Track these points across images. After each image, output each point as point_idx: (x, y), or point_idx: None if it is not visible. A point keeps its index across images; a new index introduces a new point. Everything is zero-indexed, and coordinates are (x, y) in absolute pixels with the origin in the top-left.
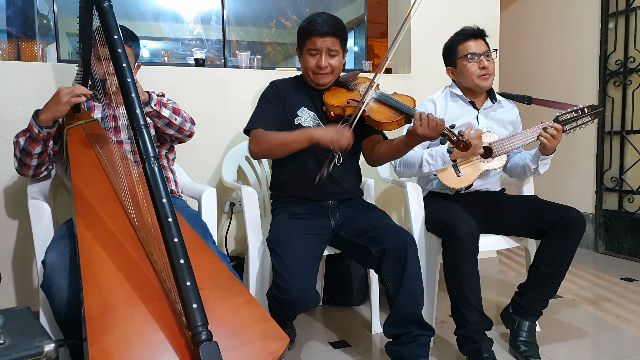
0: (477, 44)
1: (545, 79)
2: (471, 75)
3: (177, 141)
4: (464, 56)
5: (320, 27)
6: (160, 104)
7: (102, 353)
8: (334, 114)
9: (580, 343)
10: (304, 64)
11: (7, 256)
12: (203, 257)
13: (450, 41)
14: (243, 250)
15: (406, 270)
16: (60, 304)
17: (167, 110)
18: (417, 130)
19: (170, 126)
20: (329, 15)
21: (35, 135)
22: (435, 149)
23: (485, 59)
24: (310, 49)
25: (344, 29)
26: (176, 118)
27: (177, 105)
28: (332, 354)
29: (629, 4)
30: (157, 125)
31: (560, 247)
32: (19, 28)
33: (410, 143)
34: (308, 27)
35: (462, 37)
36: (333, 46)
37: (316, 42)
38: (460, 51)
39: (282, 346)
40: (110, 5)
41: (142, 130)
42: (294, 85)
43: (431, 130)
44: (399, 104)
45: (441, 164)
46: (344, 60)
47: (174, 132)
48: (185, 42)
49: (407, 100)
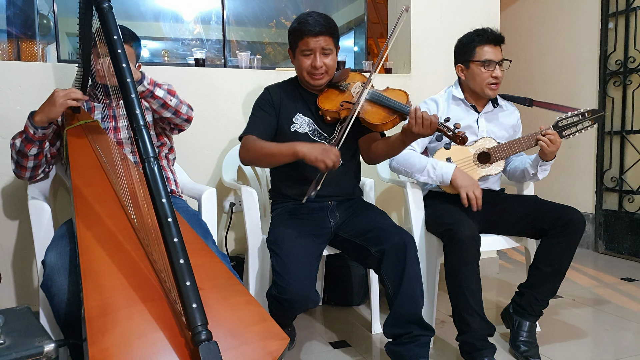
0: (495, 51)
1: (545, 79)
2: (482, 81)
3: (176, 129)
4: (481, 61)
5: (313, 27)
6: (154, 83)
7: (102, 353)
8: (329, 118)
9: (580, 343)
10: (298, 65)
11: (7, 256)
12: (203, 257)
13: (468, 39)
14: (243, 250)
15: (406, 271)
16: (60, 304)
17: (162, 90)
18: (412, 128)
19: (166, 107)
20: (319, 14)
21: (30, 136)
22: (441, 163)
23: (498, 67)
24: (303, 50)
25: (335, 27)
26: (171, 99)
27: (173, 87)
28: (332, 354)
29: (629, 4)
30: (153, 107)
31: (560, 247)
32: (19, 28)
33: (405, 140)
34: (300, 28)
35: (483, 40)
36: (327, 45)
37: (309, 42)
38: (478, 54)
39: (282, 346)
40: (110, 6)
41: (142, 130)
42: (288, 91)
43: (425, 129)
44: (392, 103)
45: (439, 181)
46: (337, 59)
47: (171, 114)
48: (185, 42)
49: (400, 95)
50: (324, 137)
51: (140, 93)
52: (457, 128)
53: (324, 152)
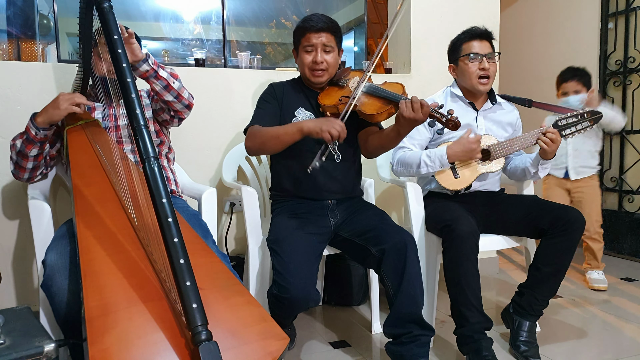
0: (481, 44)
1: (545, 79)
2: (471, 75)
3: (176, 117)
4: (466, 55)
5: (315, 23)
6: (157, 64)
7: (102, 353)
8: (329, 114)
9: (580, 343)
10: (300, 62)
11: (7, 256)
12: (203, 257)
13: (456, 38)
14: (243, 250)
15: (406, 270)
16: (60, 304)
17: (165, 72)
18: (403, 113)
19: (169, 90)
20: (322, 14)
21: (32, 137)
22: (434, 150)
23: (486, 60)
24: (305, 46)
25: (338, 27)
26: (174, 82)
27: (175, 71)
28: (332, 354)
29: (629, 4)
30: (156, 88)
31: (560, 246)
32: (19, 28)
33: (400, 130)
34: (303, 26)
35: (468, 36)
36: (328, 42)
37: (311, 38)
38: (464, 50)
39: (281, 346)
40: (110, 6)
41: (142, 130)
42: (291, 87)
43: (417, 112)
44: (387, 93)
45: (439, 166)
46: (339, 59)
47: (173, 98)
48: (185, 42)
49: (396, 87)
50: None
51: (145, 72)
52: (450, 114)
53: (328, 122)
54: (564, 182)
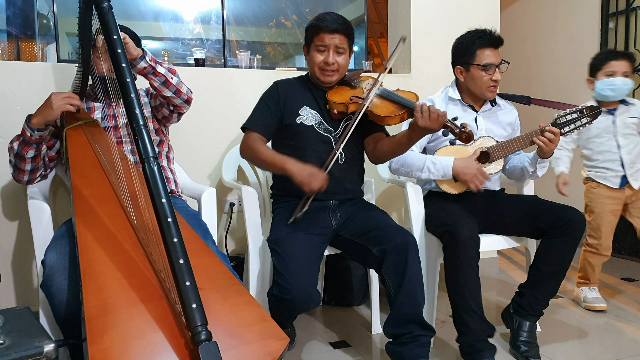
0: (494, 53)
1: (545, 79)
2: (482, 84)
3: (175, 112)
4: (482, 65)
5: (330, 24)
6: (155, 61)
7: (102, 353)
8: (337, 112)
9: (580, 343)
10: (310, 60)
11: (7, 256)
12: (203, 257)
13: (468, 41)
14: (243, 250)
15: (407, 271)
16: (60, 304)
17: (163, 68)
18: (418, 122)
19: (167, 85)
20: (337, 14)
21: (27, 138)
22: (440, 158)
23: (497, 70)
24: (318, 45)
25: (351, 29)
26: (172, 77)
27: (172, 67)
28: (332, 354)
29: (629, 4)
30: (154, 84)
31: (560, 246)
32: (19, 28)
33: (413, 137)
34: (317, 24)
35: (485, 43)
36: (341, 44)
37: (324, 38)
38: (478, 57)
39: (281, 346)
40: (109, 6)
41: (142, 130)
42: (297, 85)
43: (432, 122)
44: (401, 99)
45: (441, 176)
46: (349, 60)
47: (172, 93)
48: (185, 42)
49: (410, 95)
50: (329, 131)
51: (143, 69)
52: (464, 127)
53: (310, 176)
54: (619, 193)
